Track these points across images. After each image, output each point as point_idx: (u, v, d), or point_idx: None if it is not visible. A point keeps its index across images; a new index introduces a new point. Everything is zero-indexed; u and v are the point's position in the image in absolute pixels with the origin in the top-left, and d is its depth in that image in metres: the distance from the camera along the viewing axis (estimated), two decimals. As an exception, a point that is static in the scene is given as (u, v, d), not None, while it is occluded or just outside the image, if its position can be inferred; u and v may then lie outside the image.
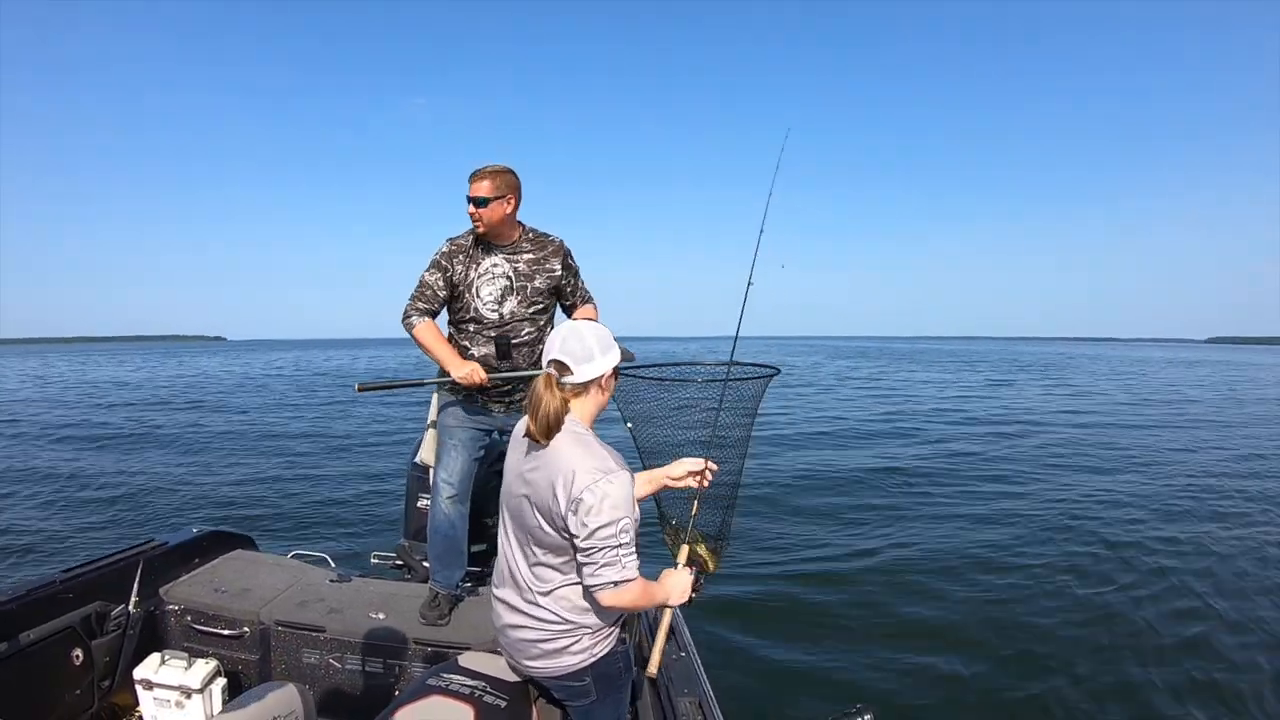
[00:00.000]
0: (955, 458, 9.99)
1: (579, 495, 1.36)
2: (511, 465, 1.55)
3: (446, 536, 2.40)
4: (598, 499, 1.35)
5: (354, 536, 6.12)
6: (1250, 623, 4.42)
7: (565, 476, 1.38)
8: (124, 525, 6.63)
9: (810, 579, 5.12)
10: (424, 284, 2.32)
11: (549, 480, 1.41)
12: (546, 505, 1.41)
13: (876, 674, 3.80)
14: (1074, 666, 3.86)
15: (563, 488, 1.38)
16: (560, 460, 1.41)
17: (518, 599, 1.52)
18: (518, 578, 1.52)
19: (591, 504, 1.35)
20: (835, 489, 8.02)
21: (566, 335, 1.50)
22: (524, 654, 1.54)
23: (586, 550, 1.39)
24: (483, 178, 2.22)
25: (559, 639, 1.49)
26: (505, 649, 1.60)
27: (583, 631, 1.50)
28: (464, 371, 2.22)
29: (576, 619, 1.49)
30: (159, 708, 2.14)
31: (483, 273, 2.33)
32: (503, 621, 1.57)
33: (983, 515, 6.91)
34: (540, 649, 1.51)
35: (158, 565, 2.44)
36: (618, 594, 1.41)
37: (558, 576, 1.48)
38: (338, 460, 9.77)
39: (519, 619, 1.52)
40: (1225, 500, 7.60)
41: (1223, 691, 3.64)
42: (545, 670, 1.53)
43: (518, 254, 2.36)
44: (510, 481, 1.54)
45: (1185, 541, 6.02)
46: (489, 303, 2.34)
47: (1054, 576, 5.19)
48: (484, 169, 2.23)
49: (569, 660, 1.51)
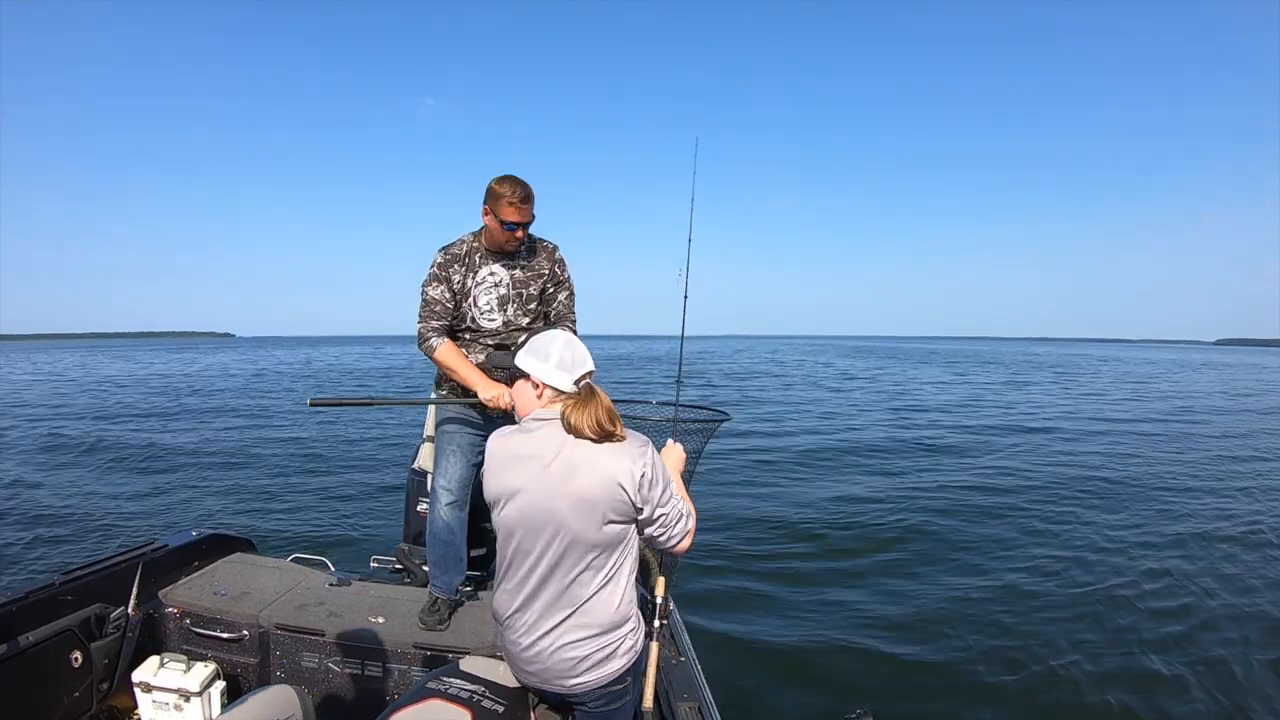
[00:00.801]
0: (969, 459, 9.99)
1: (642, 473, 1.44)
2: (527, 483, 1.45)
3: (445, 543, 2.40)
4: (656, 471, 1.47)
5: (353, 540, 6.11)
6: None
7: (619, 465, 1.43)
8: (123, 527, 6.62)
9: (811, 581, 5.12)
10: (431, 300, 2.29)
11: (604, 481, 1.42)
12: (612, 501, 1.43)
13: (876, 676, 3.80)
14: (1074, 667, 3.86)
15: (629, 476, 1.43)
16: (609, 457, 1.44)
17: (557, 619, 1.47)
18: (552, 597, 1.47)
19: (654, 475, 1.46)
20: (837, 490, 8.01)
21: (569, 342, 1.54)
22: (569, 674, 1.48)
23: (660, 518, 1.50)
24: (530, 201, 2.21)
25: (607, 646, 1.48)
26: (539, 675, 1.51)
27: (626, 629, 1.51)
28: (493, 394, 2.20)
29: (621, 615, 1.50)
30: (158, 710, 2.14)
31: (480, 281, 2.31)
32: (537, 648, 1.49)
33: (989, 517, 6.90)
34: (589, 662, 1.47)
35: (157, 568, 2.44)
36: (692, 536, 1.58)
37: (597, 578, 1.46)
38: (337, 464, 9.76)
39: (562, 638, 1.47)
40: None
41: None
42: (592, 683, 1.48)
43: (515, 261, 2.36)
44: (532, 498, 1.45)
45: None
46: (486, 312, 2.33)
47: (1056, 577, 5.19)
48: (529, 191, 2.20)
49: (617, 665, 1.49)
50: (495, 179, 2.22)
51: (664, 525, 1.51)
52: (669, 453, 1.78)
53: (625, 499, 1.44)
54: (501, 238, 2.24)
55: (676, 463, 1.76)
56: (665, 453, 1.76)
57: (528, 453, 1.48)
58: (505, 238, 2.24)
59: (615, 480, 1.42)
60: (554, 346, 1.52)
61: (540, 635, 1.48)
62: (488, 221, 2.24)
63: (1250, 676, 3.84)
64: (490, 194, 2.21)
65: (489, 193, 2.21)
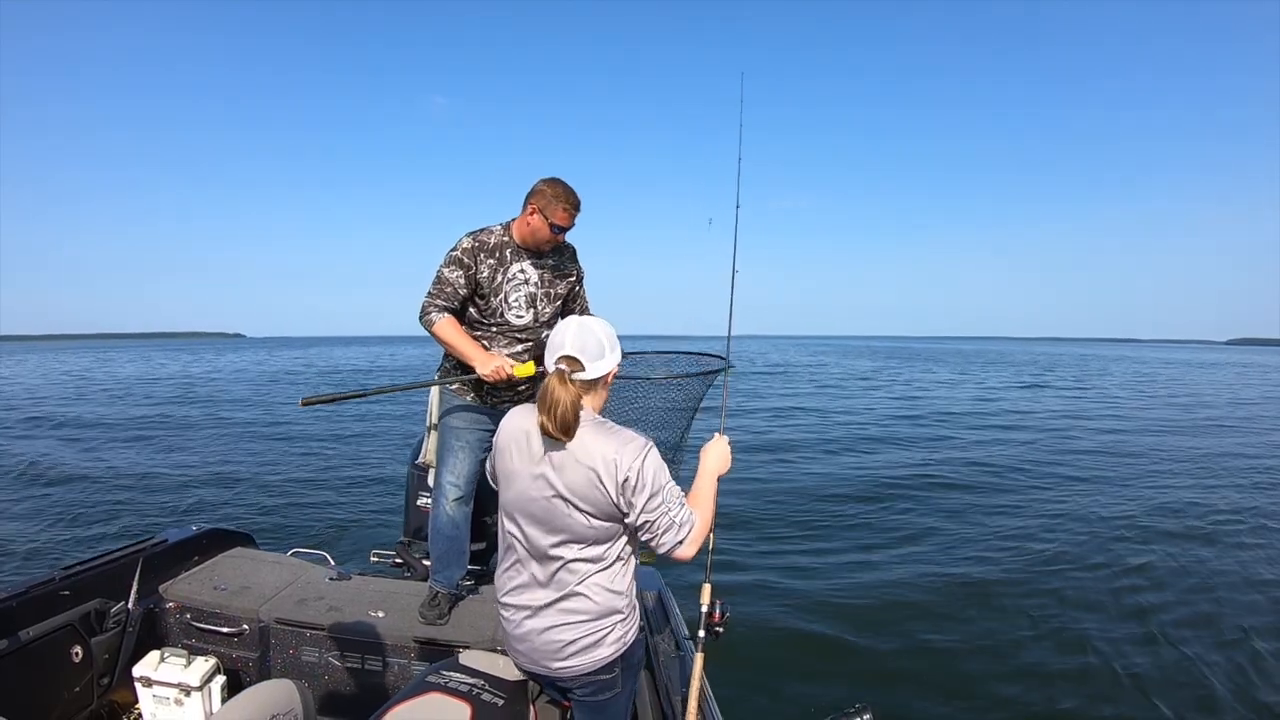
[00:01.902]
0: (983, 462, 10.00)
1: (625, 476, 1.38)
2: (520, 468, 1.48)
3: (450, 537, 2.39)
4: (645, 476, 1.40)
5: (353, 535, 6.12)
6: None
7: (607, 465, 1.39)
8: (123, 523, 6.63)
9: (810, 575, 5.13)
10: (444, 280, 2.23)
11: (587, 476, 1.40)
12: (591, 498, 1.40)
13: (876, 672, 3.81)
14: (1073, 670, 3.88)
15: (608, 476, 1.39)
16: (593, 450, 1.40)
17: (545, 600, 1.48)
18: (543, 579, 1.48)
19: (640, 482, 1.39)
20: (834, 488, 8.03)
21: (578, 330, 1.47)
22: (555, 656, 1.49)
23: (645, 525, 1.43)
24: (579, 209, 2.21)
25: (594, 633, 1.48)
26: (527, 654, 1.54)
27: (615, 619, 1.50)
28: (493, 366, 2.17)
29: (609, 604, 1.48)
30: (158, 705, 2.14)
31: (510, 278, 2.28)
32: (526, 627, 1.51)
33: (992, 515, 6.93)
34: (576, 646, 1.48)
35: (157, 563, 2.44)
36: (686, 546, 1.47)
37: (590, 567, 1.46)
38: (338, 458, 9.77)
39: (549, 620, 1.48)
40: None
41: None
42: (578, 668, 1.49)
43: (543, 260, 2.33)
44: (525, 484, 1.47)
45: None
46: (515, 309, 2.31)
47: (1060, 575, 5.20)
48: (580, 199, 2.20)
49: (604, 653, 1.49)
50: (546, 180, 2.19)
51: (651, 532, 1.46)
52: (713, 447, 1.68)
53: (605, 498, 1.40)
54: (544, 236, 2.22)
55: (718, 460, 1.66)
56: (709, 447, 1.68)
57: (517, 436, 1.50)
58: (547, 237, 2.23)
59: (594, 478, 1.40)
60: (565, 336, 1.48)
61: (528, 615, 1.51)
62: (533, 220, 2.20)
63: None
64: (540, 194, 2.17)
65: (539, 193, 2.18)
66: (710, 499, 1.60)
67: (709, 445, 1.69)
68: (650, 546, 1.49)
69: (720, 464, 1.66)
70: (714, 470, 1.64)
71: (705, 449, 1.69)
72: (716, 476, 1.65)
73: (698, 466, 1.67)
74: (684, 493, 1.52)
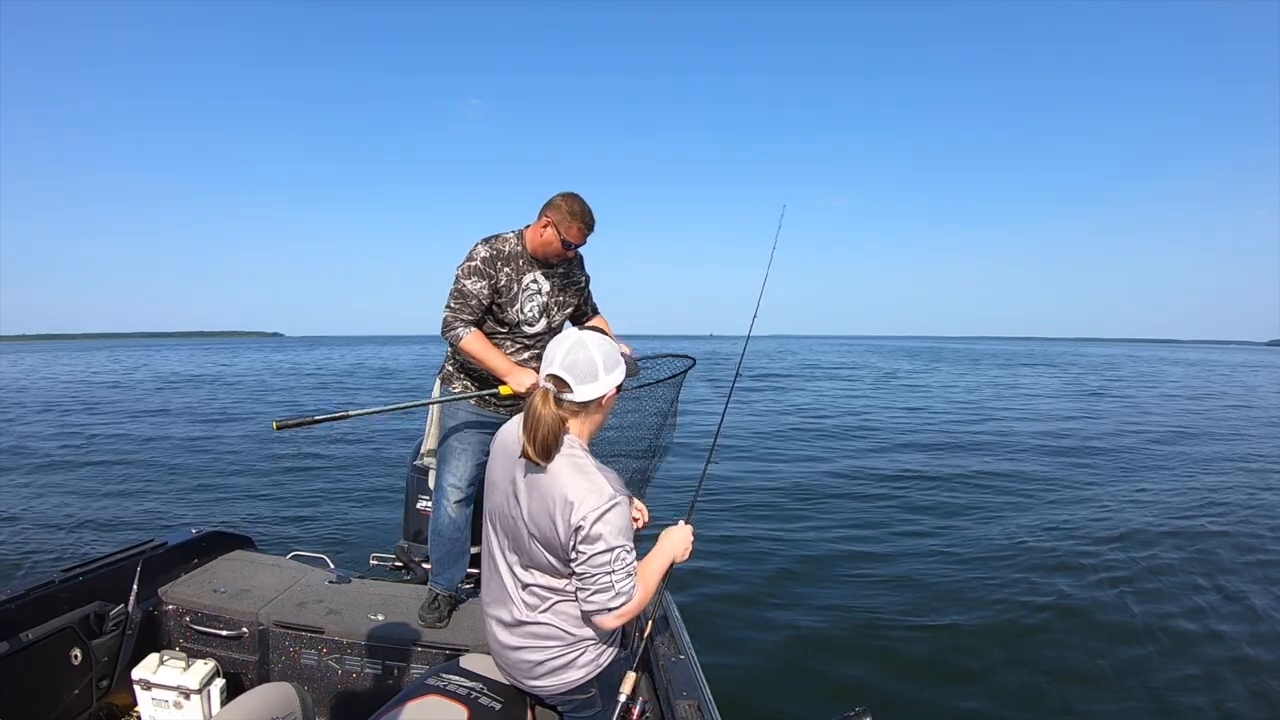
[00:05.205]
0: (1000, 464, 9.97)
1: (579, 524, 1.32)
2: (501, 478, 1.47)
3: (451, 539, 2.40)
4: (598, 529, 1.32)
5: (353, 537, 6.11)
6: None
7: (564, 506, 1.33)
8: (123, 525, 6.63)
9: (810, 579, 5.12)
10: (467, 293, 2.21)
11: (546, 508, 1.35)
12: (545, 532, 1.37)
13: (876, 675, 3.79)
14: (1080, 668, 3.86)
15: (562, 518, 1.33)
16: (557, 487, 1.34)
17: (514, 619, 1.46)
18: (513, 596, 1.46)
19: (592, 534, 1.32)
20: (836, 489, 8.01)
21: (571, 348, 1.39)
22: (526, 674, 1.49)
23: (581, 575, 1.36)
24: (593, 229, 2.23)
25: (562, 655, 1.45)
26: (505, 669, 1.54)
27: (586, 644, 1.47)
28: (529, 382, 2.15)
29: (577, 632, 1.45)
30: (157, 708, 2.14)
31: (525, 287, 2.29)
32: (500, 642, 1.51)
33: (992, 515, 6.91)
34: (545, 667, 1.46)
35: (157, 565, 2.44)
36: (609, 618, 1.39)
37: (555, 596, 1.44)
38: (337, 460, 9.76)
39: (517, 639, 1.47)
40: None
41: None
42: (552, 688, 1.49)
43: (553, 270, 2.35)
44: (502, 498, 1.46)
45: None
46: (529, 317, 2.33)
47: (1064, 575, 5.19)
48: (593, 217, 2.21)
49: (574, 675, 1.47)
50: (564, 195, 2.19)
51: (585, 587, 1.37)
52: (675, 532, 1.60)
53: (555, 536, 1.35)
54: (555, 250, 2.23)
55: (677, 546, 1.57)
56: (672, 531, 1.60)
57: (511, 445, 1.46)
58: (557, 252, 2.24)
59: (550, 512, 1.34)
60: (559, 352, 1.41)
61: (501, 629, 1.50)
62: (547, 233, 2.21)
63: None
64: (557, 208, 2.18)
65: (555, 207, 2.18)
66: (656, 580, 1.51)
67: (672, 530, 1.61)
68: (578, 599, 1.41)
69: (678, 550, 1.58)
70: (670, 553, 1.57)
71: (668, 532, 1.61)
72: (671, 560, 1.57)
73: (654, 545, 1.59)
74: (636, 562, 1.43)
